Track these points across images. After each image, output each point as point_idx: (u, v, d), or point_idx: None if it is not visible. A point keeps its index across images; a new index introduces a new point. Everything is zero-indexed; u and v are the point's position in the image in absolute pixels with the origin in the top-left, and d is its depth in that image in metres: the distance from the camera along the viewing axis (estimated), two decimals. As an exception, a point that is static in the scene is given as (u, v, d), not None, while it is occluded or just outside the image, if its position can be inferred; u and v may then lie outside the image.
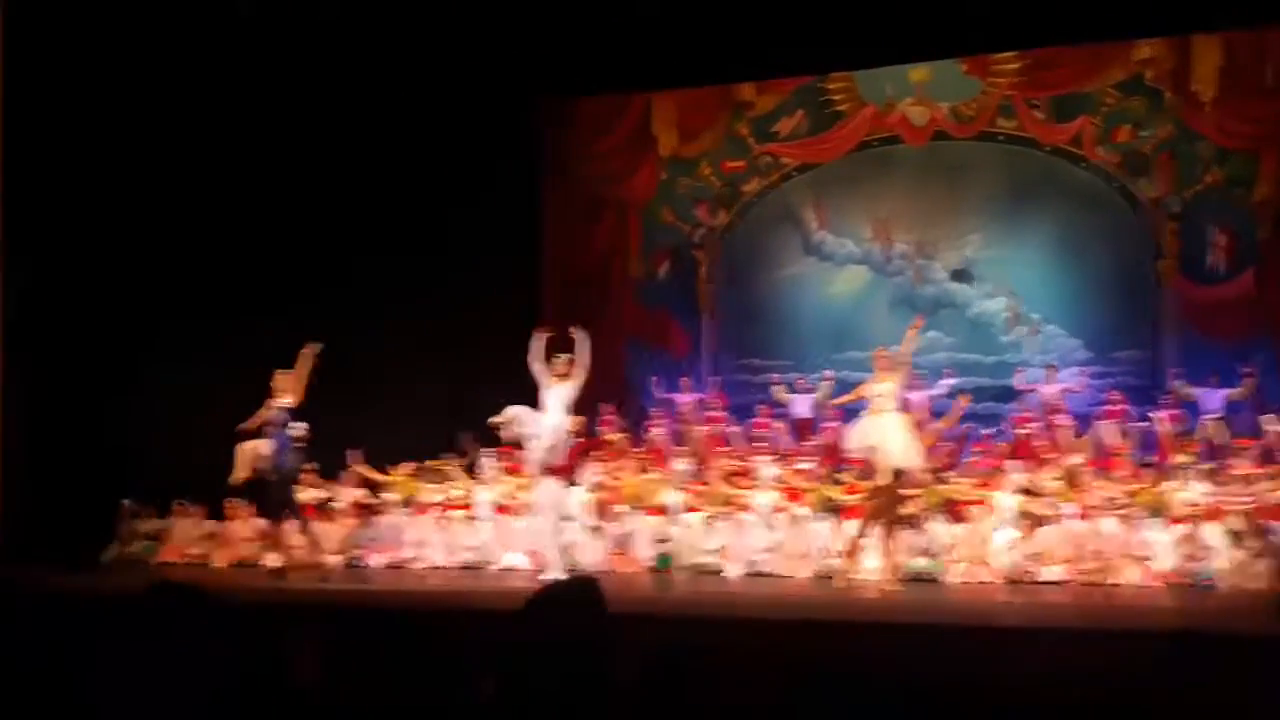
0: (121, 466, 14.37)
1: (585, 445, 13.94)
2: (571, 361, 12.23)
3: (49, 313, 13.67)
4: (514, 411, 12.27)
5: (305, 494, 14.42)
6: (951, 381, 15.97)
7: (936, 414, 15.08)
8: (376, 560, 14.50)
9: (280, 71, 14.61)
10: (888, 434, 11.50)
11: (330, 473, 15.08)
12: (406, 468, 15.29)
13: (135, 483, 14.67)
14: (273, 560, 13.20)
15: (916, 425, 13.14)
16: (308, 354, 12.89)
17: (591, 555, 14.11)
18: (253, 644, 3.05)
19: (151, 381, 14.40)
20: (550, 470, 12.24)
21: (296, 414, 12.95)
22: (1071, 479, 13.40)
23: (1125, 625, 8.56)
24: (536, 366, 12.25)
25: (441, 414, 15.30)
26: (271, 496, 13.09)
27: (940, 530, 13.32)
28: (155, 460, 14.45)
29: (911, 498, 13.21)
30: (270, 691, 3.00)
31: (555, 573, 12.11)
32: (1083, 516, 12.95)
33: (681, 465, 15.11)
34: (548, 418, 12.15)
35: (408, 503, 15.07)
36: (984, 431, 15.78)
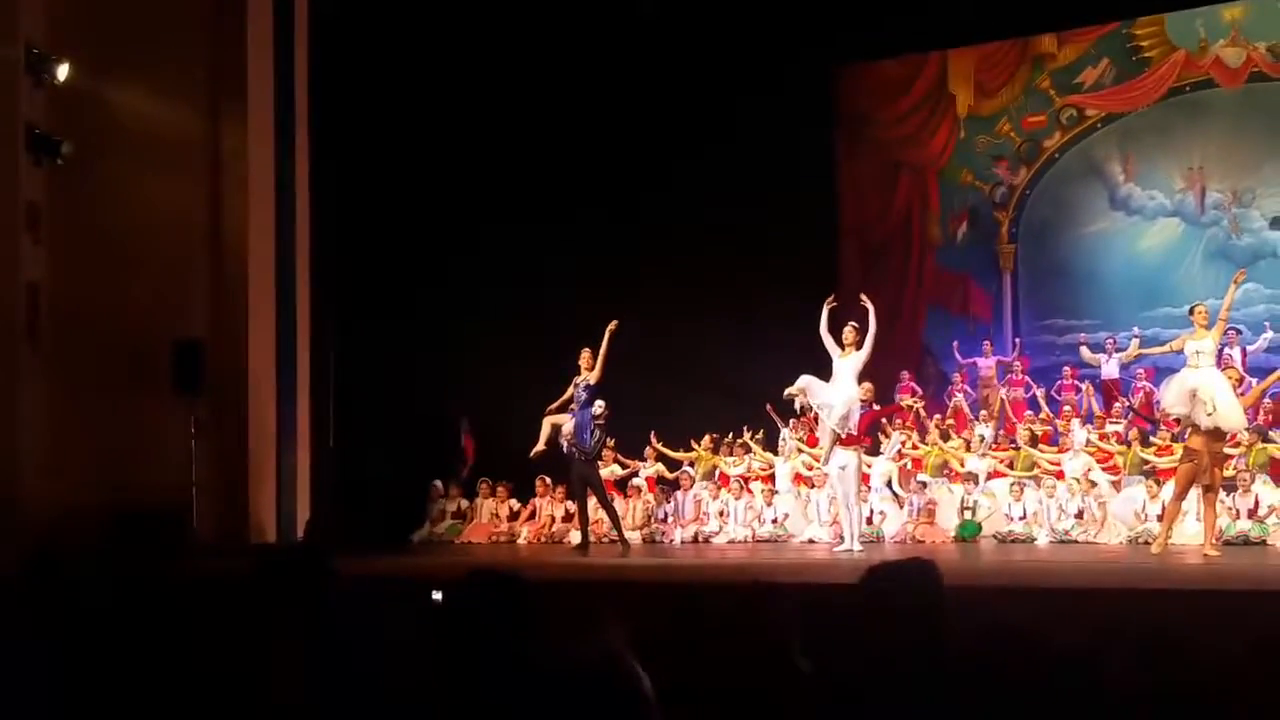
0: (432, 446, 14.93)
1: (880, 413, 13.74)
2: (859, 330, 12.10)
3: (361, 291, 14.20)
4: (806, 381, 12.22)
5: (604, 471, 14.74)
6: (1270, 335, 15.09)
7: (1256, 370, 14.30)
8: (678, 534, 14.69)
9: (583, 38, 14.87)
10: (1209, 391, 10.92)
11: (632, 449, 15.36)
12: (707, 442, 15.44)
13: (444, 462, 15.23)
14: (575, 537, 13.53)
15: (1237, 382, 12.50)
16: (609, 332, 13.14)
17: (894, 525, 13.99)
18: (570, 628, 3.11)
19: (463, 361, 14.91)
20: (844, 440, 12.14)
21: (599, 391, 13.22)
22: None
23: None
24: (826, 337, 12.18)
25: (742, 387, 15.33)
26: (573, 474, 13.40)
27: (1265, 492, 12.65)
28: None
29: (1232, 458, 12.60)
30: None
31: (852, 544, 12.05)
32: None
33: (984, 431, 14.79)
34: (837, 388, 12.06)
35: (708, 476, 15.22)
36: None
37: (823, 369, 12.31)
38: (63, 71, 12.28)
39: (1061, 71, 17.60)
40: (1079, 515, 13.27)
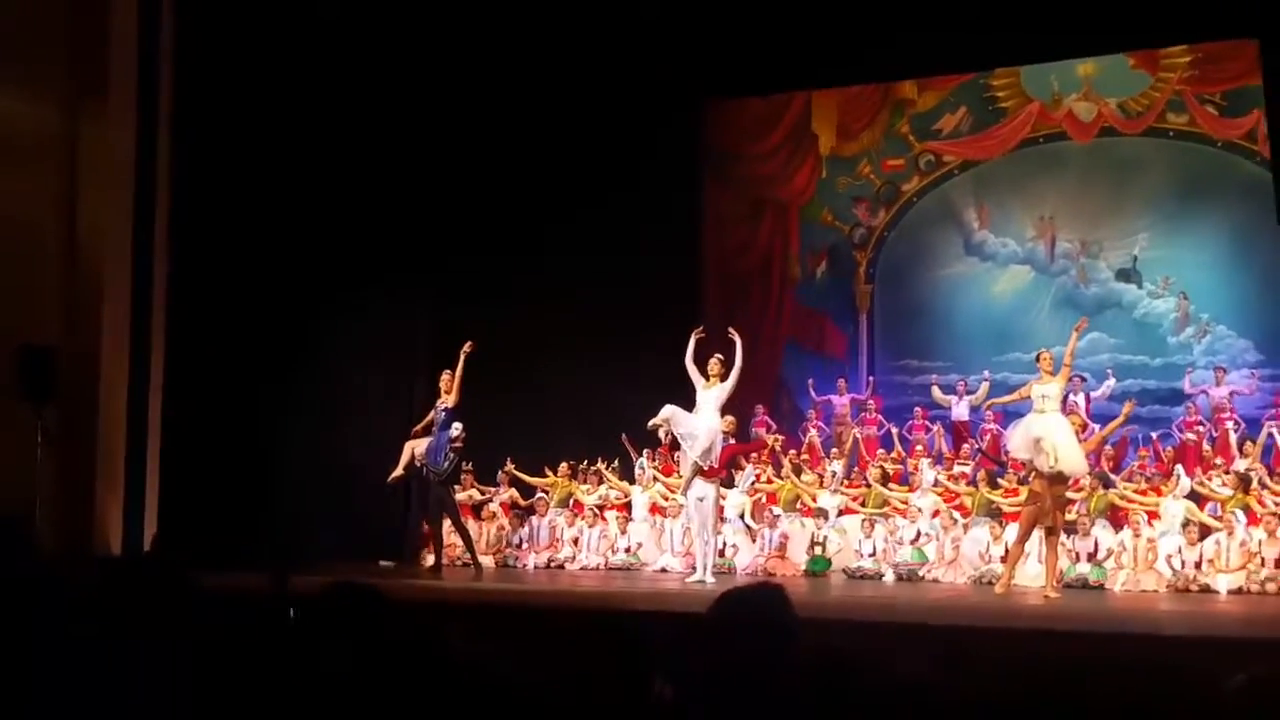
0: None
1: (739, 448, 13.89)
2: (724, 362, 12.20)
3: (219, 297, 13.84)
4: (670, 411, 12.29)
5: (461, 494, 14.67)
6: (1112, 383, 15.60)
7: (1099, 417, 14.75)
8: (531, 560, 14.67)
9: (444, 65, 14.73)
10: (1052, 436, 11.24)
11: (487, 475, 15.31)
12: (564, 469, 15.45)
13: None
14: (430, 559, 13.47)
15: (1081, 428, 12.87)
16: (463, 354, 13.13)
17: (747, 558, 14.12)
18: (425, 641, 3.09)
19: (318, 374, 14.62)
20: (703, 472, 12.23)
21: (456, 415, 13.17)
22: (1242, 484, 12.98)
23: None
24: (691, 368, 12.26)
25: (599, 415, 15.35)
26: (429, 496, 13.33)
27: (1104, 536, 13.03)
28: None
29: (1074, 502, 12.96)
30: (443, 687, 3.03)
31: (705, 576, 12.12)
32: (1252, 523, 12.55)
33: (837, 467, 15.02)
34: (701, 418, 12.14)
35: (564, 503, 15.22)
36: (1152, 435, 15.35)
37: (679, 399, 12.39)
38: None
39: (921, 117, 18.01)
40: (914, 541, 13.58)
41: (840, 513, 14.47)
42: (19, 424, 11.82)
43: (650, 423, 12.69)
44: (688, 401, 12.35)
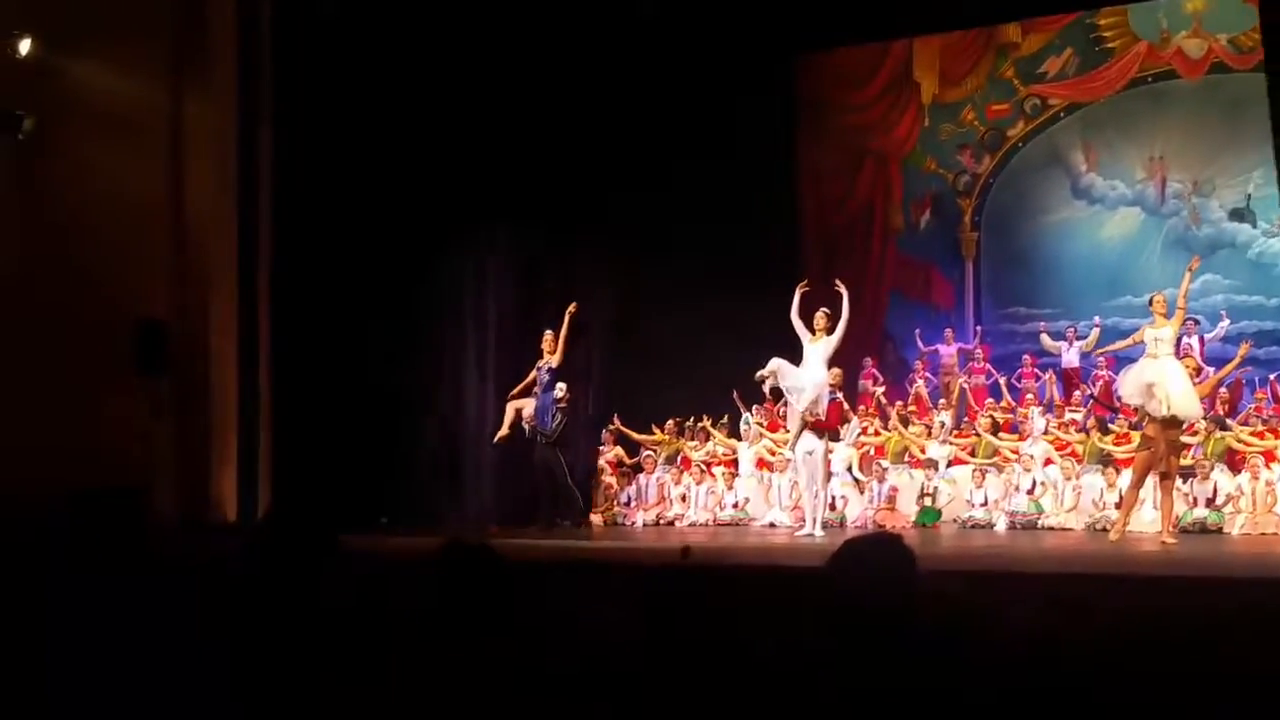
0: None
1: (846, 400, 13.82)
2: (830, 316, 12.12)
3: (324, 273, 14.03)
4: (777, 364, 12.23)
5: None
6: (1226, 325, 15.24)
7: (1214, 360, 14.45)
8: (640, 518, 14.73)
9: (538, 28, 14.75)
10: (1165, 380, 11.03)
11: (595, 431, 15.37)
12: (670, 426, 15.48)
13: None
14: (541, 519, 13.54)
15: (1195, 371, 12.63)
16: (568, 315, 13.21)
17: (856, 511, 14.07)
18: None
19: (423, 343, 14.78)
20: (811, 425, 12.17)
21: (560, 374, 13.25)
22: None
23: None
24: (797, 321, 12.19)
25: (705, 372, 15.35)
26: (535, 457, 13.43)
27: (1223, 480, 12.79)
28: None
29: (1189, 447, 12.73)
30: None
31: (814, 530, 12.10)
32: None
33: (945, 418, 14.89)
34: (808, 372, 12.08)
35: (671, 460, 15.26)
36: (1271, 376, 14.99)
37: (786, 354, 12.34)
38: (25, 46, 12.15)
39: (1025, 61, 17.68)
40: (1030, 491, 13.44)
41: (950, 463, 14.36)
42: (136, 396, 12.13)
43: (757, 375, 12.63)
44: (796, 356, 12.30)
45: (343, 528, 3.56)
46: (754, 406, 15.27)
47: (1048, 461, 13.66)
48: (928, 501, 13.96)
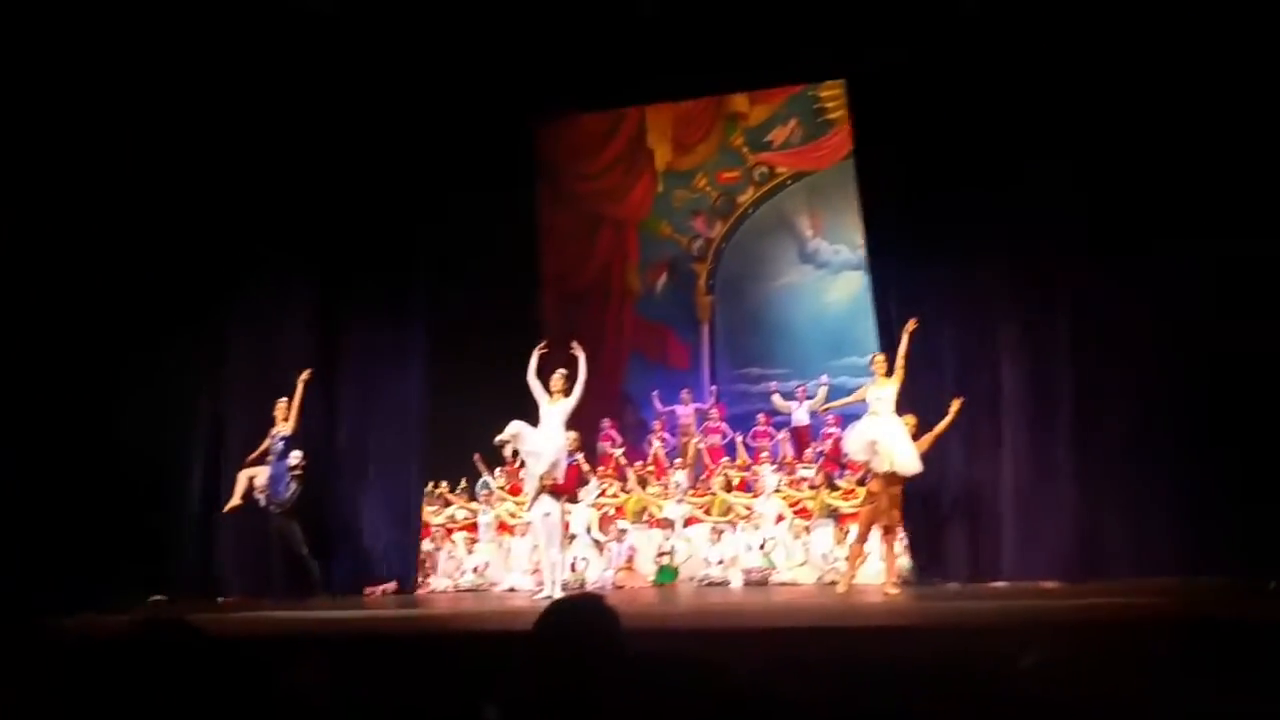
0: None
1: (584, 462, 13.97)
2: (567, 377, 12.23)
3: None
4: (517, 427, 12.25)
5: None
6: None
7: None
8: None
9: (267, 89, 14.54)
10: (887, 439, 11.51)
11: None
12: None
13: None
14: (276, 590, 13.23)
15: (914, 429, 13.15)
16: (301, 381, 13.05)
17: (595, 572, 14.17)
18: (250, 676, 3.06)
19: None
20: (549, 488, 12.24)
21: (294, 442, 13.05)
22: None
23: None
24: (535, 383, 12.25)
25: (444, 435, 15.23)
26: (270, 526, 13.14)
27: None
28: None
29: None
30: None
31: (553, 592, 12.13)
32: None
33: (681, 477, 15.16)
34: (546, 434, 12.15)
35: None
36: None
37: (525, 416, 12.38)
38: None
39: (754, 130, 18.35)
40: (762, 547, 13.79)
41: (686, 522, 14.61)
42: None
43: (497, 439, 12.66)
44: (535, 418, 12.36)
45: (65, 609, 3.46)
46: (496, 469, 15.28)
47: (779, 518, 14.04)
48: (665, 560, 14.16)
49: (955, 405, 12.12)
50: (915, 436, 11.86)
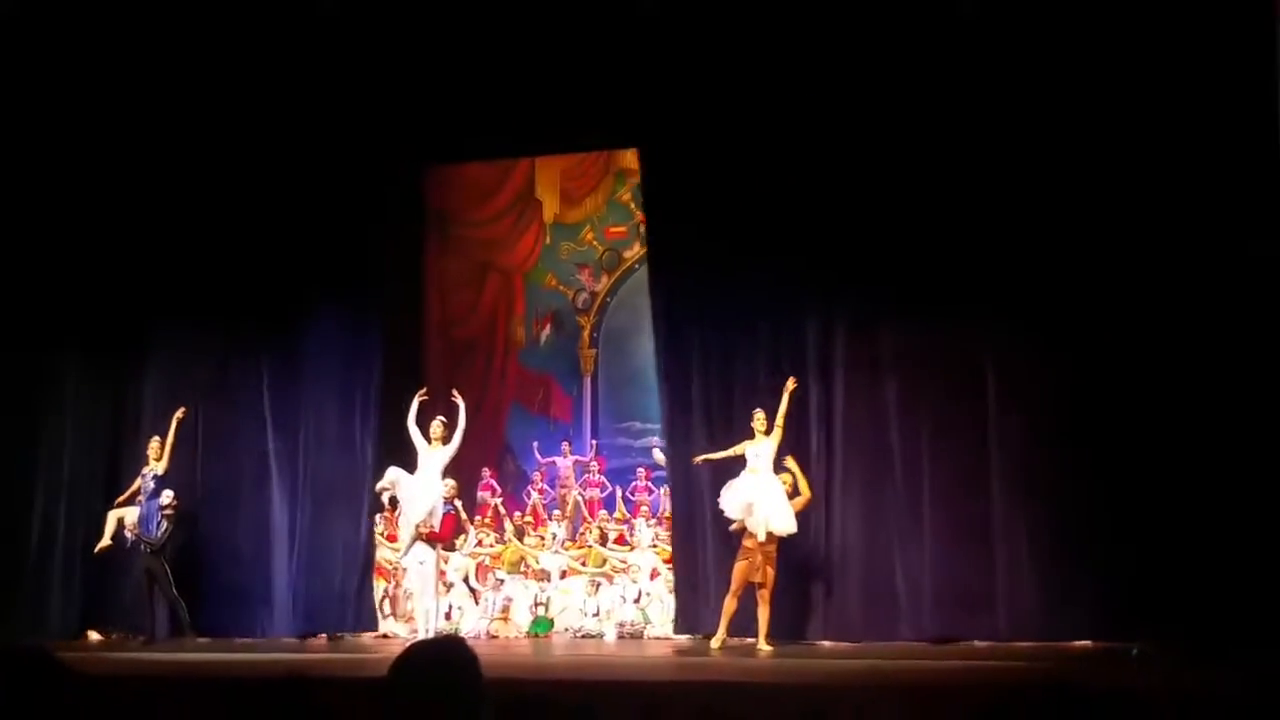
0: None
1: (462, 511, 13.95)
2: (447, 425, 12.25)
3: None
4: (396, 474, 12.25)
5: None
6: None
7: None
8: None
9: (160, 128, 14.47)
10: (763, 498, 11.65)
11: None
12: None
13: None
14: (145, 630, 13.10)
15: (791, 487, 13.32)
16: (176, 420, 12.96)
17: (471, 621, 14.14)
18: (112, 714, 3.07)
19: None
20: (424, 535, 12.23)
21: (166, 481, 12.93)
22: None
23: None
24: (414, 429, 12.25)
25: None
26: (139, 566, 12.99)
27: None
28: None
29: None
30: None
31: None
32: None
33: (558, 529, 15.21)
34: (423, 483, 12.15)
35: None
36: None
37: (403, 463, 12.36)
38: None
39: (640, 186, 18.43)
40: (637, 600, 13.86)
41: (563, 574, 14.64)
42: None
43: (377, 486, 12.63)
44: (413, 465, 12.33)
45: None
46: (375, 515, 15.16)
47: (654, 573, 14.11)
48: (541, 611, 14.19)
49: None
50: (791, 495, 12.01)
